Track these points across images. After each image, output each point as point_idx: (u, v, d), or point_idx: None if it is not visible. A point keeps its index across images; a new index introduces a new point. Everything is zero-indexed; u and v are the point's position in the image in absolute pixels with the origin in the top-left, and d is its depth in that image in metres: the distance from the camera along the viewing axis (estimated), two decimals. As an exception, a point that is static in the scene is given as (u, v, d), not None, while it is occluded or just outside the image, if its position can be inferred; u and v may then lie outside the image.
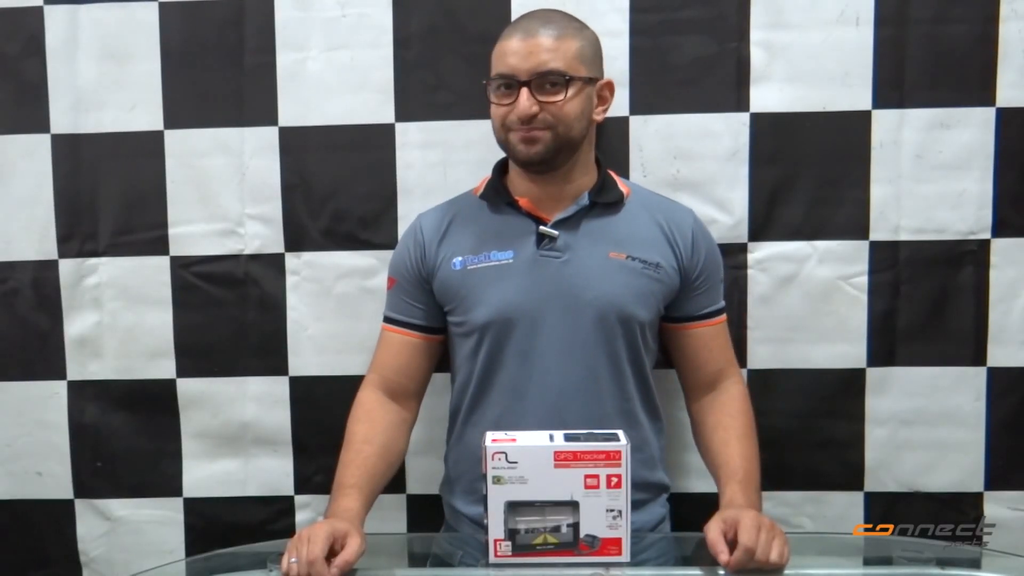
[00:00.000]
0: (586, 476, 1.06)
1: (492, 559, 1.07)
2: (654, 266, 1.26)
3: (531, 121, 1.19)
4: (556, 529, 1.06)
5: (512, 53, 1.20)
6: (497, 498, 1.06)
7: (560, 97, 1.20)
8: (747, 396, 1.32)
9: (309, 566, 1.04)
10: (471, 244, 1.28)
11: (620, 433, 1.08)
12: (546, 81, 1.19)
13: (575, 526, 1.06)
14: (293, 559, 1.06)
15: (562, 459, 1.06)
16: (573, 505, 1.06)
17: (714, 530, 1.08)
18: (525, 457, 1.06)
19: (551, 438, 1.07)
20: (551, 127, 1.20)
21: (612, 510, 1.06)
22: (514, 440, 1.07)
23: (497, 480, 1.06)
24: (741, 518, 1.07)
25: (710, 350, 1.33)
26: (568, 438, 1.07)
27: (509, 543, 1.07)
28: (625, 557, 1.07)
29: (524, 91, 1.19)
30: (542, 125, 1.20)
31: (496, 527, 1.07)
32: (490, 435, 1.08)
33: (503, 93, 1.22)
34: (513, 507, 1.06)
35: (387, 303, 1.36)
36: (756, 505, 1.19)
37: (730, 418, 1.29)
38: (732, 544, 1.05)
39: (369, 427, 1.28)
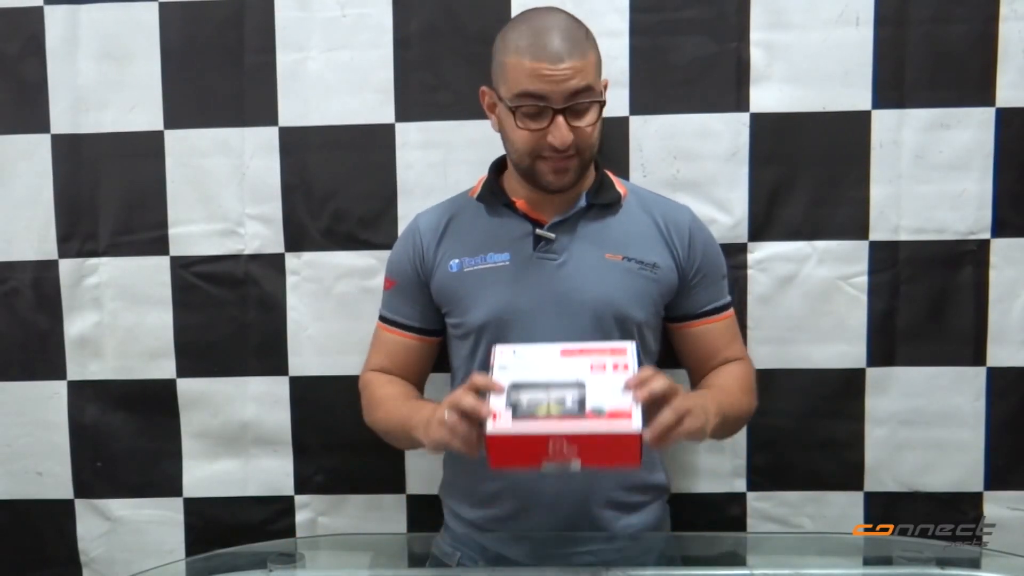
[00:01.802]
0: (592, 365, 1.02)
1: (490, 429, 0.96)
2: (651, 266, 1.26)
3: (567, 148, 1.17)
4: (560, 401, 0.98)
5: (544, 77, 1.13)
6: (501, 380, 1.01)
7: (590, 120, 1.17)
8: (752, 369, 1.33)
9: (470, 399, 1.01)
10: (468, 246, 1.28)
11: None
12: (578, 104, 1.15)
13: (582, 400, 0.98)
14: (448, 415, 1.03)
15: (568, 354, 1.04)
16: (579, 385, 1.00)
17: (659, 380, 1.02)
18: (530, 351, 1.04)
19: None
20: (579, 153, 1.19)
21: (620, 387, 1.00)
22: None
23: (502, 368, 1.03)
24: (680, 391, 1.03)
25: (715, 347, 1.32)
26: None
27: (509, 411, 0.97)
28: (636, 427, 0.96)
29: (561, 119, 1.15)
30: (572, 152, 1.18)
31: (497, 402, 0.98)
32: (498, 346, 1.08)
33: (532, 118, 1.17)
34: (516, 387, 1.00)
35: (384, 302, 1.36)
36: (717, 412, 1.13)
37: (729, 366, 1.31)
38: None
39: (392, 386, 1.31)
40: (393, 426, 1.26)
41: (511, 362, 1.03)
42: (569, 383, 1.00)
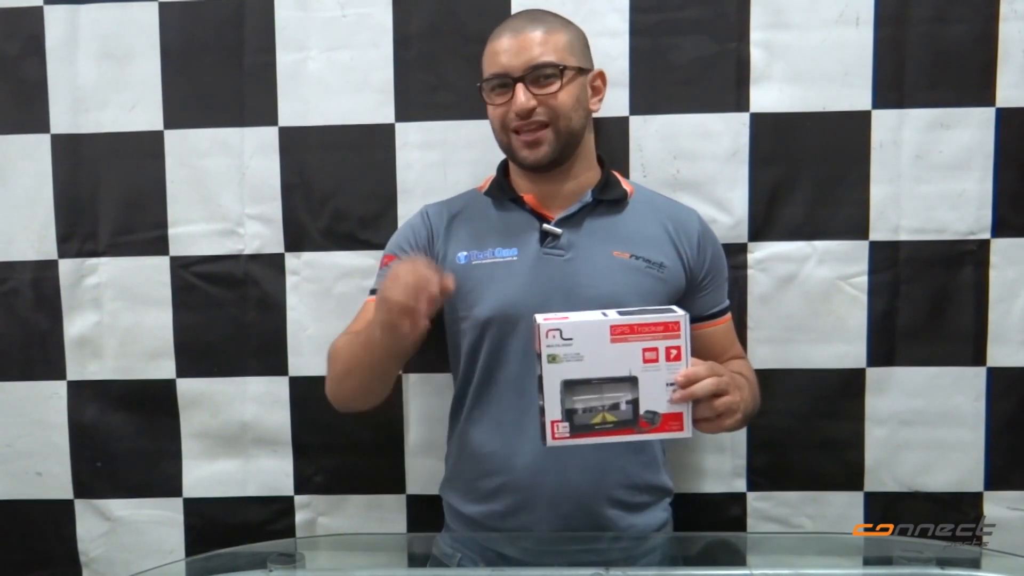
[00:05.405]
0: (644, 350, 1.02)
1: (550, 442, 1.03)
2: (658, 266, 1.26)
3: (529, 116, 1.20)
4: (615, 407, 1.03)
5: (503, 52, 1.21)
6: (552, 377, 1.02)
7: (554, 88, 1.20)
8: (751, 368, 1.33)
9: (416, 273, 1.04)
10: (475, 240, 1.29)
11: (675, 307, 1.06)
12: (539, 75, 1.20)
13: (634, 403, 1.03)
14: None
15: (619, 333, 1.02)
16: (631, 381, 1.02)
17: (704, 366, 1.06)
18: (580, 333, 1.02)
19: (604, 315, 1.04)
20: (551, 122, 1.21)
21: (672, 384, 1.03)
22: (567, 318, 1.04)
23: (552, 359, 1.02)
24: (727, 386, 1.07)
25: (720, 349, 1.33)
26: (622, 314, 1.04)
27: (567, 424, 1.03)
28: (687, 432, 1.04)
29: (519, 87, 1.20)
30: (542, 121, 1.21)
31: (552, 408, 1.02)
32: (540, 316, 1.04)
33: (498, 93, 1.23)
34: (569, 386, 1.02)
35: (378, 278, 1.30)
36: (745, 409, 1.16)
37: (741, 364, 1.32)
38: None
39: (347, 334, 1.28)
40: (360, 351, 1.21)
41: (560, 350, 1.02)
42: (621, 379, 1.03)
